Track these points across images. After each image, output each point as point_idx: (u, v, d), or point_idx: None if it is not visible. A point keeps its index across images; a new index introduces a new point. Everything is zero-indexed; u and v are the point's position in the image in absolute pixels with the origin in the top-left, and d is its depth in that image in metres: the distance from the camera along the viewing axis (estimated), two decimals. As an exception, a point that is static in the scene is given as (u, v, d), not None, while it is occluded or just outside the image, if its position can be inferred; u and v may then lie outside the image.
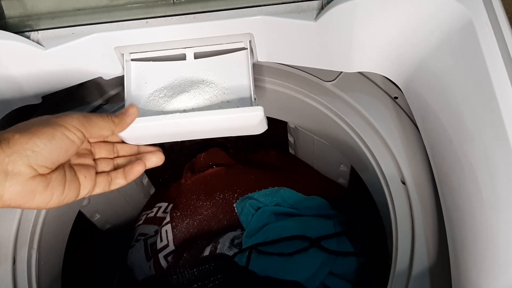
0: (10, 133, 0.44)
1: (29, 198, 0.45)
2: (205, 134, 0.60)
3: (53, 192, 0.47)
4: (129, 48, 0.60)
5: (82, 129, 0.49)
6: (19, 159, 0.44)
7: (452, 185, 0.51)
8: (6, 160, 0.43)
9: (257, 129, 0.59)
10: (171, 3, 0.56)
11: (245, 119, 0.56)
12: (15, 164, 0.43)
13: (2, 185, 0.43)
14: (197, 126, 0.57)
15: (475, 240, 0.45)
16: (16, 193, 0.44)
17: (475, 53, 0.46)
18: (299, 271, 0.81)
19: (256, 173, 1.06)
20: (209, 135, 0.60)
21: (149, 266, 0.98)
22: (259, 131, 0.60)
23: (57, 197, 0.48)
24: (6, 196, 0.44)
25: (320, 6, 0.54)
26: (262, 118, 0.56)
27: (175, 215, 1.00)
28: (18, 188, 0.44)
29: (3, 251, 0.64)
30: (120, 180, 0.56)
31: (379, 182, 0.66)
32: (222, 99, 0.58)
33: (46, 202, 0.47)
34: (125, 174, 0.57)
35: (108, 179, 0.55)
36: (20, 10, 0.58)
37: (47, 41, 0.57)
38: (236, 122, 0.56)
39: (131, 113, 0.55)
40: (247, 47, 0.59)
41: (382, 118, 0.67)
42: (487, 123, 0.45)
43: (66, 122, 0.48)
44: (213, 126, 0.57)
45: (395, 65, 0.58)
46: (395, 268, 0.57)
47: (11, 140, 0.44)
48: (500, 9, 0.48)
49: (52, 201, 0.48)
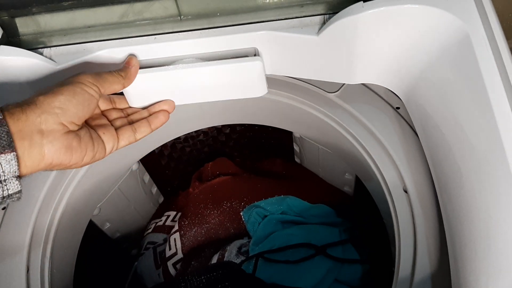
0: (35, 96, 0.46)
1: (68, 154, 0.47)
2: (207, 92, 0.60)
3: (86, 147, 0.49)
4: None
5: (97, 83, 0.51)
6: (50, 117, 0.45)
7: (451, 193, 0.52)
8: (38, 120, 0.44)
9: (258, 86, 0.59)
10: (178, 20, 0.58)
11: (244, 69, 0.57)
12: (47, 123, 0.45)
13: (41, 143, 0.45)
14: (198, 80, 0.58)
15: (474, 247, 0.47)
16: (55, 149, 0.45)
17: (471, 65, 0.48)
18: (305, 279, 0.82)
19: (262, 182, 1.07)
20: (212, 94, 0.61)
21: (158, 274, 1.00)
22: (259, 91, 0.60)
23: (90, 152, 0.50)
24: (47, 154, 0.45)
25: (322, 21, 0.56)
26: (261, 70, 0.57)
27: (183, 224, 1.02)
28: (56, 144, 0.45)
29: (18, 259, 0.66)
30: (146, 128, 0.58)
31: (382, 191, 0.67)
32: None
33: (81, 158, 0.49)
34: (149, 122, 0.58)
35: (133, 129, 0.57)
36: (34, 27, 0.60)
37: (59, 57, 0.59)
38: (236, 73, 0.57)
39: (133, 63, 0.56)
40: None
41: (384, 128, 0.69)
42: (483, 132, 0.46)
43: (82, 79, 0.50)
44: (213, 80, 0.58)
45: (395, 77, 0.59)
46: (398, 274, 0.58)
47: (38, 102, 0.45)
48: (495, 22, 0.49)
49: (87, 156, 0.50)
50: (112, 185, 0.95)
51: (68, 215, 0.75)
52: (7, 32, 0.60)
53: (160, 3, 0.57)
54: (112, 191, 0.96)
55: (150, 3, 0.57)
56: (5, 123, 0.43)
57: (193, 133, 1.13)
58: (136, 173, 1.04)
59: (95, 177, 0.84)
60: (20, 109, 0.44)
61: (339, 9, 0.53)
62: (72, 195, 0.75)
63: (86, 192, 0.82)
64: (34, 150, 0.44)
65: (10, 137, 0.42)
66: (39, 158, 0.45)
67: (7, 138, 0.42)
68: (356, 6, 0.52)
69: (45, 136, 0.45)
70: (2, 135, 0.42)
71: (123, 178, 0.97)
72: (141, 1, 0.57)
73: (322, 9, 0.56)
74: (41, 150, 0.45)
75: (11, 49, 0.57)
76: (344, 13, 0.52)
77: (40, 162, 0.45)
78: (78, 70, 0.59)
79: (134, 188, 1.06)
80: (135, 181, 1.06)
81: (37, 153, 0.44)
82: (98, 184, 0.87)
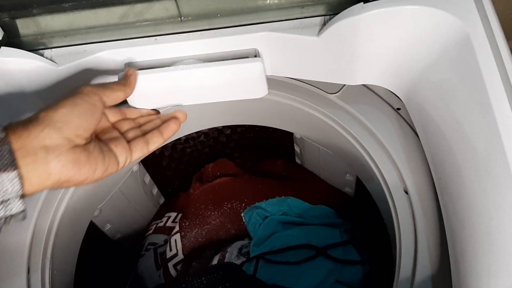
0: (37, 113, 0.45)
1: (75, 169, 0.45)
2: (208, 93, 0.60)
3: (96, 161, 0.48)
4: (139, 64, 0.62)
5: (98, 91, 0.50)
6: (53, 131, 0.44)
7: (452, 194, 0.52)
8: (41, 135, 0.43)
9: (258, 87, 0.59)
10: (179, 21, 0.58)
11: (244, 70, 0.56)
12: (51, 138, 0.43)
13: (46, 160, 0.43)
14: (198, 81, 0.58)
15: (475, 247, 0.47)
16: (61, 165, 0.44)
17: (472, 66, 0.48)
18: (306, 280, 0.82)
19: (263, 183, 1.07)
20: (212, 95, 0.60)
21: (158, 275, 1.00)
22: (260, 92, 0.60)
23: (101, 166, 0.48)
24: (54, 170, 0.43)
25: (323, 22, 0.56)
26: (261, 71, 0.57)
27: (184, 225, 1.02)
28: (62, 159, 0.44)
29: (18, 261, 0.66)
30: (158, 139, 0.56)
31: (383, 192, 0.67)
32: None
33: (92, 172, 0.47)
34: (161, 132, 0.57)
35: (145, 141, 0.55)
36: (34, 29, 0.60)
37: (60, 58, 0.60)
38: (236, 74, 0.57)
39: (130, 72, 0.56)
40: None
41: (385, 129, 0.69)
42: (484, 132, 0.46)
43: (82, 89, 0.49)
44: (214, 81, 0.58)
45: (396, 77, 0.59)
46: (399, 275, 0.58)
47: (39, 117, 0.44)
48: (495, 23, 0.49)
49: (98, 171, 0.48)
50: (112, 186, 0.95)
51: (69, 216, 0.76)
52: (8, 33, 0.60)
53: (161, 4, 0.58)
54: (113, 192, 0.96)
55: (151, 4, 0.58)
56: (7, 141, 0.41)
57: (193, 134, 1.13)
58: (136, 174, 1.04)
59: (95, 178, 0.84)
60: (22, 126, 0.43)
61: (339, 10, 0.54)
62: (72, 196, 0.75)
63: (87, 193, 0.82)
64: (40, 167, 0.43)
65: (12, 155, 0.41)
66: (45, 175, 0.43)
67: (9, 157, 0.41)
68: (357, 7, 0.52)
69: (50, 152, 0.43)
70: (4, 153, 0.40)
71: (123, 179, 0.97)
72: (141, 2, 0.58)
73: (322, 10, 0.56)
74: (47, 167, 0.43)
75: (12, 50, 0.57)
76: (345, 14, 0.52)
77: (47, 179, 0.43)
78: (78, 72, 0.60)
79: (135, 189, 1.06)
80: (136, 182, 1.06)
81: (43, 170, 0.43)
82: (98, 185, 0.87)
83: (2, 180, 0.40)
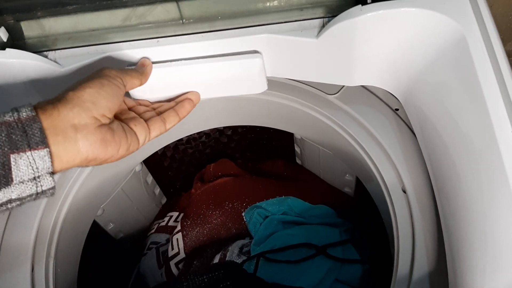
0: (65, 92, 0.46)
1: (102, 147, 0.47)
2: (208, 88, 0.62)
3: (120, 140, 0.49)
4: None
5: (121, 76, 0.52)
6: (82, 111, 0.45)
7: (448, 193, 0.53)
8: (70, 114, 0.44)
9: (258, 83, 0.61)
10: (181, 23, 0.59)
11: (244, 66, 0.58)
12: (80, 117, 0.45)
13: (75, 138, 0.44)
14: (199, 76, 0.59)
15: (470, 245, 0.47)
16: (90, 143, 0.45)
17: (468, 67, 0.48)
18: (306, 278, 0.83)
19: (264, 183, 1.08)
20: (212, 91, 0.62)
21: (160, 274, 1.01)
22: (259, 87, 0.61)
23: (124, 144, 0.50)
24: (82, 148, 0.45)
25: (321, 24, 0.57)
26: (261, 67, 0.58)
27: (185, 224, 1.03)
28: (90, 138, 0.45)
29: (23, 259, 0.67)
30: (174, 118, 0.58)
31: (381, 191, 0.68)
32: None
33: (116, 150, 0.49)
34: (177, 111, 0.59)
35: (162, 119, 0.57)
36: (38, 31, 0.61)
37: (64, 60, 0.60)
38: (237, 69, 0.58)
39: (147, 63, 0.58)
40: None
41: (383, 129, 0.70)
42: (479, 132, 0.47)
43: (108, 71, 0.51)
44: (214, 76, 0.59)
45: (393, 79, 0.60)
46: (397, 273, 0.59)
47: (68, 97, 0.45)
48: (491, 25, 0.50)
49: (122, 149, 0.50)
50: (115, 186, 0.96)
51: (72, 215, 0.77)
52: (13, 35, 0.60)
53: (162, 7, 0.58)
54: (116, 192, 0.97)
55: (153, 7, 0.59)
56: (38, 119, 0.42)
57: (195, 135, 1.14)
58: (139, 174, 1.05)
59: (98, 178, 0.85)
60: (52, 105, 0.44)
61: (338, 12, 0.54)
62: (76, 195, 0.76)
63: (90, 193, 0.83)
64: (69, 145, 0.44)
65: (43, 133, 0.42)
66: (74, 153, 0.45)
67: (40, 135, 0.42)
68: (355, 9, 0.52)
69: (79, 131, 0.45)
70: (35, 132, 0.42)
71: (126, 179, 0.98)
72: (143, 5, 0.58)
73: (321, 13, 0.57)
74: (76, 145, 0.45)
75: (16, 52, 0.58)
76: (343, 17, 0.53)
77: (75, 157, 0.45)
78: (82, 73, 0.61)
79: (137, 189, 1.07)
80: (138, 182, 1.07)
81: (72, 148, 0.44)
82: (101, 185, 0.88)
83: (34, 158, 0.42)
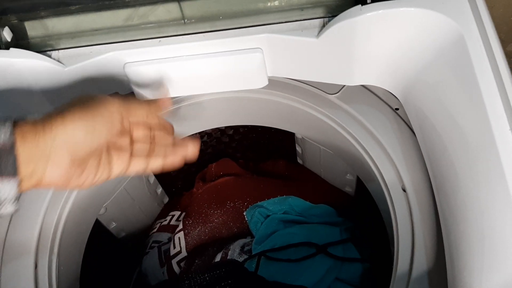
0: (53, 116, 0.44)
1: (66, 182, 0.46)
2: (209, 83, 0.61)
3: (88, 176, 0.48)
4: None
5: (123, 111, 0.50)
6: (63, 146, 0.44)
7: (447, 191, 0.54)
8: (48, 148, 0.43)
9: (258, 78, 0.61)
10: (182, 23, 0.60)
11: (245, 61, 0.58)
12: (57, 152, 0.43)
13: (43, 169, 0.43)
14: (199, 71, 0.59)
15: (468, 243, 0.48)
16: (55, 177, 0.44)
17: (466, 66, 0.49)
18: (306, 277, 0.83)
19: (265, 182, 1.08)
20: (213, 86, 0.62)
21: (162, 272, 1.01)
22: (259, 82, 0.61)
23: (90, 180, 0.49)
24: (46, 179, 0.44)
25: (322, 24, 0.57)
26: (261, 62, 0.58)
27: (187, 223, 1.03)
28: (58, 173, 0.44)
29: (26, 257, 0.68)
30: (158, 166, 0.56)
31: (381, 190, 0.68)
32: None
33: (79, 184, 0.48)
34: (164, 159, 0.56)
35: (146, 162, 0.54)
36: (42, 31, 0.62)
37: (67, 59, 0.61)
38: (237, 64, 0.59)
39: (167, 104, 0.56)
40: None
41: (383, 129, 0.70)
42: (477, 131, 0.47)
43: (107, 108, 0.48)
44: (215, 71, 0.59)
45: (393, 78, 0.60)
46: (396, 271, 0.59)
47: (54, 124, 0.44)
48: (489, 24, 0.50)
49: (85, 184, 0.49)
50: (118, 185, 0.96)
51: (75, 214, 0.77)
52: (17, 35, 0.61)
53: (164, 7, 0.59)
54: (118, 191, 0.97)
55: (154, 7, 0.59)
56: (14, 150, 0.41)
57: (196, 135, 1.14)
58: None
59: (101, 177, 0.85)
60: (33, 133, 0.43)
61: (338, 12, 0.55)
62: (78, 194, 0.77)
63: (92, 192, 0.83)
64: (36, 175, 0.43)
65: (15, 165, 0.41)
66: (36, 182, 0.44)
67: (12, 166, 0.41)
68: (355, 9, 0.53)
69: (50, 163, 0.44)
70: (9, 162, 0.41)
71: (128, 178, 0.99)
72: (145, 5, 0.59)
73: (321, 13, 0.58)
74: (42, 175, 0.44)
75: (20, 52, 0.59)
76: (343, 16, 0.53)
77: (36, 184, 0.44)
78: (85, 72, 0.61)
79: (140, 188, 1.08)
80: (141, 181, 1.07)
81: (37, 178, 0.44)
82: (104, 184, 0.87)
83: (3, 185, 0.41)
